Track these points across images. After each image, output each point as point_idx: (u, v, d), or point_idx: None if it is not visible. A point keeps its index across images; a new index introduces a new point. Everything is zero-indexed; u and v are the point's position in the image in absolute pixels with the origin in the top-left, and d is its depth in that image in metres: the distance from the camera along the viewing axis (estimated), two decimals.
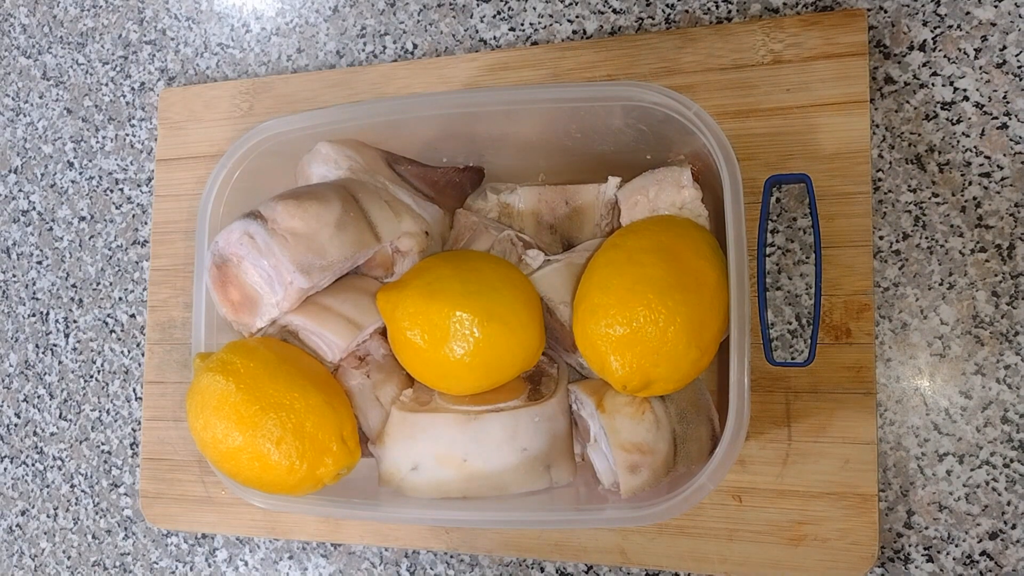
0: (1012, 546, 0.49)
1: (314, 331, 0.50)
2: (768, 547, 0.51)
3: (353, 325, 0.50)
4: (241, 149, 0.52)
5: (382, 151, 0.53)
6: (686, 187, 0.48)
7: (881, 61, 0.53)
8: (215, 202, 0.53)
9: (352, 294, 0.52)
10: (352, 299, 0.51)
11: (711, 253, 0.46)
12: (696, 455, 0.47)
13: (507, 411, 0.48)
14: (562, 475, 0.49)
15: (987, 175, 0.51)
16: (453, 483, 0.48)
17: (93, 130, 0.72)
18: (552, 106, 0.47)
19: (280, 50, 0.67)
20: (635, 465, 0.46)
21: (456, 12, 0.62)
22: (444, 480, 0.48)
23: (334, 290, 0.52)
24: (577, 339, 0.47)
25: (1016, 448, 0.49)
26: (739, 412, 0.42)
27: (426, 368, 0.48)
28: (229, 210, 0.53)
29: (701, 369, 0.46)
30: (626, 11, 0.58)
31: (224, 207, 0.53)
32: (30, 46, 0.75)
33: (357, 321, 0.51)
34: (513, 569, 0.58)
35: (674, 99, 0.45)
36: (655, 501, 0.44)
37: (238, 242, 0.47)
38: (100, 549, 0.69)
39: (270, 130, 0.51)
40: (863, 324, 0.50)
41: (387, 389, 0.51)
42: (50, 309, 0.72)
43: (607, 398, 0.48)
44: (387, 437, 0.49)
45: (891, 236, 0.52)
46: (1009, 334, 0.50)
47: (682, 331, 0.43)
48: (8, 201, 0.75)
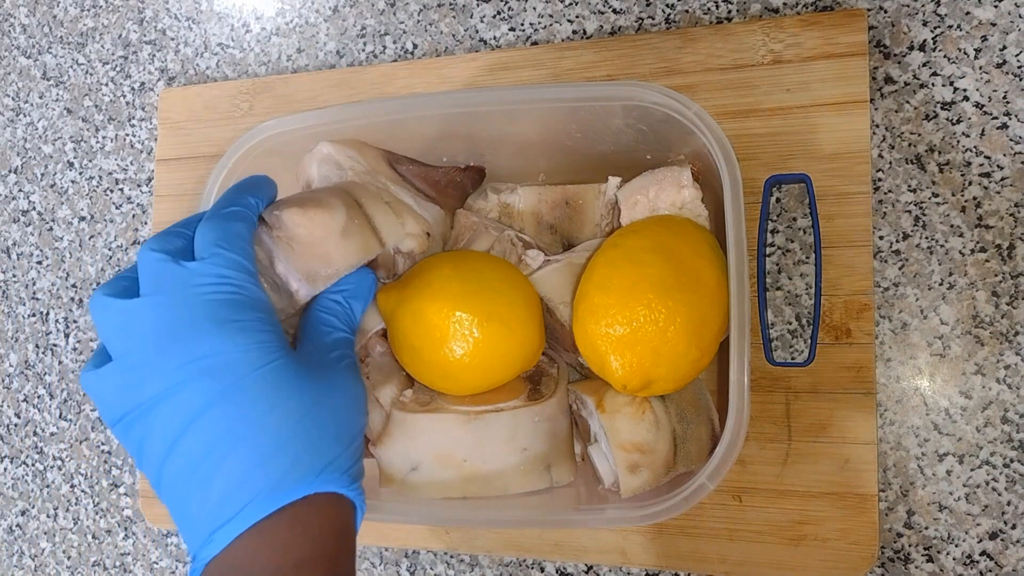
0: (1012, 546, 0.49)
1: None
2: (768, 547, 0.51)
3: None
4: (241, 149, 0.52)
5: (383, 151, 0.53)
6: (686, 187, 0.48)
7: (881, 61, 0.53)
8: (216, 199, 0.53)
9: None
10: None
11: (711, 253, 0.46)
12: (696, 455, 0.47)
13: (507, 411, 0.48)
14: (563, 475, 0.49)
15: (987, 175, 0.51)
16: (453, 483, 0.48)
17: (93, 130, 0.72)
18: (552, 106, 0.47)
19: (280, 50, 0.67)
20: (635, 465, 0.46)
21: (456, 12, 0.62)
22: (444, 480, 0.48)
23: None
24: (577, 339, 0.47)
25: (1016, 448, 0.49)
26: (739, 412, 0.42)
27: (426, 368, 0.48)
28: None
29: (701, 369, 0.46)
30: (626, 11, 0.58)
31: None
32: (30, 46, 0.75)
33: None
34: (513, 569, 0.58)
35: (674, 99, 0.45)
36: (655, 501, 0.44)
37: None
38: (100, 549, 0.69)
39: (270, 130, 0.51)
40: (863, 324, 0.50)
41: (387, 390, 0.51)
42: (50, 309, 0.72)
43: (607, 398, 0.48)
44: (387, 438, 0.49)
45: (891, 236, 0.52)
46: (1009, 334, 0.50)
47: (682, 331, 0.43)
48: (8, 201, 0.75)
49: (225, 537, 0.34)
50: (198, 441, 0.35)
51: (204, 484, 0.35)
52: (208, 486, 0.35)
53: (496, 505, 0.48)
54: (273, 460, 0.35)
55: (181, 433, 0.35)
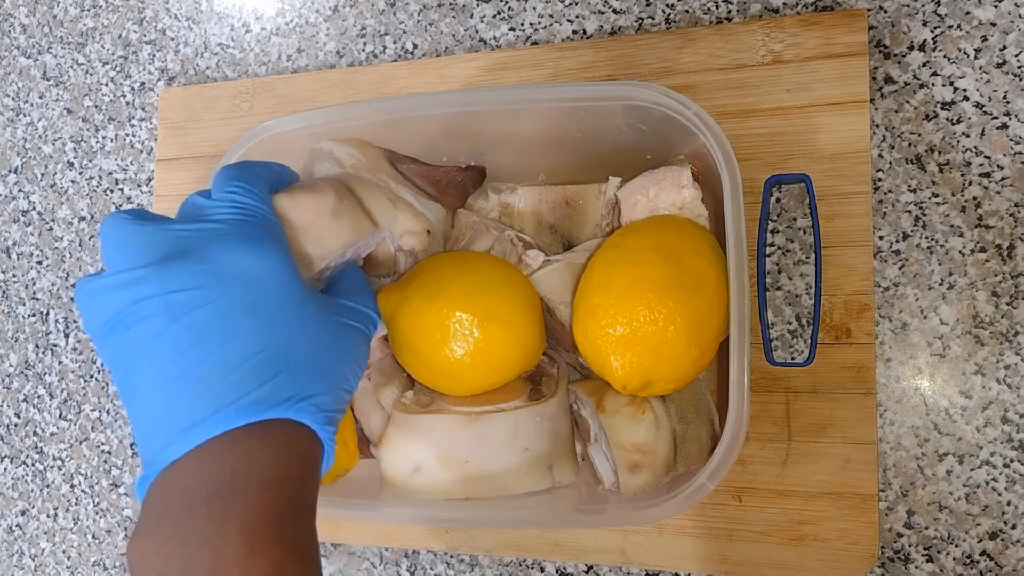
0: (1012, 546, 0.49)
1: None
2: (768, 547, 0.51)
3: None
4: (241, 149, 0.52)
5: (384, 150, 0.53)
6: (686, 187, 0.48)
7: (881, 61, 0.53)
8: None
9: None
10: None
11: (711, 253, 0.46)
12: (696, 455, 0.47)
13: (508, 411, 0.48)
14: (564, 475, 0.49)
15: (987, 175, 0.51)
16: (455, 484, 0.48)
17: (93, 130, 0.72)
18: (552, 106, 0.47)
19: (280, 50, 0.67)
20: (635, 464, 0.46)
21: (456, 12, 0.62)
22: (446, 481, 0.48)
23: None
24: (577, 339, 0.47)
25: (1016, 448, 0.49)
26: (739, 412, 0.42)
27: (426, 369, 0.48)
28: None
29: (701, 369, 0.46)
30: (626, 11, 0.58)
31: None
32: (30, 46, 0.75)
33: None
34: (513, 569, 0.58)
35: (674, 99, 0.45)
36: (655, 501, 0.44)
37: None
38: (100, 549, 0.69)
39: (270, 130, 0.51)
40: (863, 324, 0.50)
41: (388, 391, 0.51)
42: (50, 309, 0.72)
43: (607, 398, 0.48)
44: (388, 439, 0.49)
45: (891, 236, 0.52)
46: (1009, 334, 0.50)
47: (682, 331, 0.43)
48: (8, 201, 0.75)
49: (196, 437, 0.32)
50: (186, 335, 0.33)
51: (181, 380, 0.32)
52: (186, 385, 0.32)
53: (497, 505, 0.48)
54: (260, 372, 0.33)
55: (168, 325, 0.33)
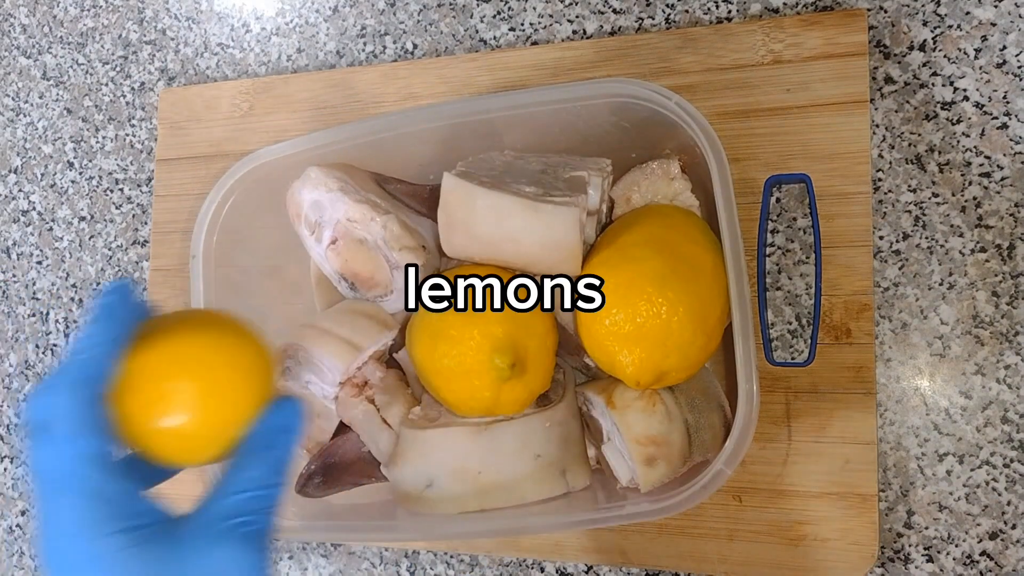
0: (1012, 546, 0.49)
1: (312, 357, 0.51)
2: (768, 547, 0.51)
3: (352, 347, 0.51)
4: (230, 181, 0.53)
5: (372, 172, 0.54)
6: (676, 178, 0.48)
7: (881, 61, 0.53)
8: (207, 234, 0.54)
9: (350, 316, 0.53)
10: (350, 321, 0.52)
11: (702, 237, 0.46)
12: (711, 443, 0.47)
13: (517, 419, 0.47)
14: (578, 479, 0.48)
15: (987, 175, 0.51)
16: (470, 497, 0.47)
17: (93, 130, 0.72)
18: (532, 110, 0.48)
19: (280, 50, 0.67)
20: (651, 458, 0.46)
21: (456, 12, 0.62)
22: (460, 494, 0.47)
23: (332, 313, 0.53)
24: (583, 341, 0.47)
25: (1016, 448, 0.49)
26: (749, 394, 0.42)
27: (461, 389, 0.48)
28: (223, 238, 0.54)
29: (709, 354, 0.46)
30: (626, 11, 0.58)
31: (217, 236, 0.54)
32: (30, 46, 0.75)
33: (355, 342, 0.51)
34: (513, 569, 0.58)
35: (654, 91, 0.45)
36: (674, 492, 0.43)
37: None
38: None
39: (260, 159, 0.52)
40: (863, 324, 0.50)
41: (394, 410, 0.51)
42: (50, 309, 0.72)
43: (616, 394, 0.48)
44: (400, 457, 0.49)
45: (891, 236, 0.52)
46: (1009, 334, 0.50)
47: (686, 319, 0.43)
48: (8, 201, 0.75)
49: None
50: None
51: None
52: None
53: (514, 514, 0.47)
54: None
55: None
